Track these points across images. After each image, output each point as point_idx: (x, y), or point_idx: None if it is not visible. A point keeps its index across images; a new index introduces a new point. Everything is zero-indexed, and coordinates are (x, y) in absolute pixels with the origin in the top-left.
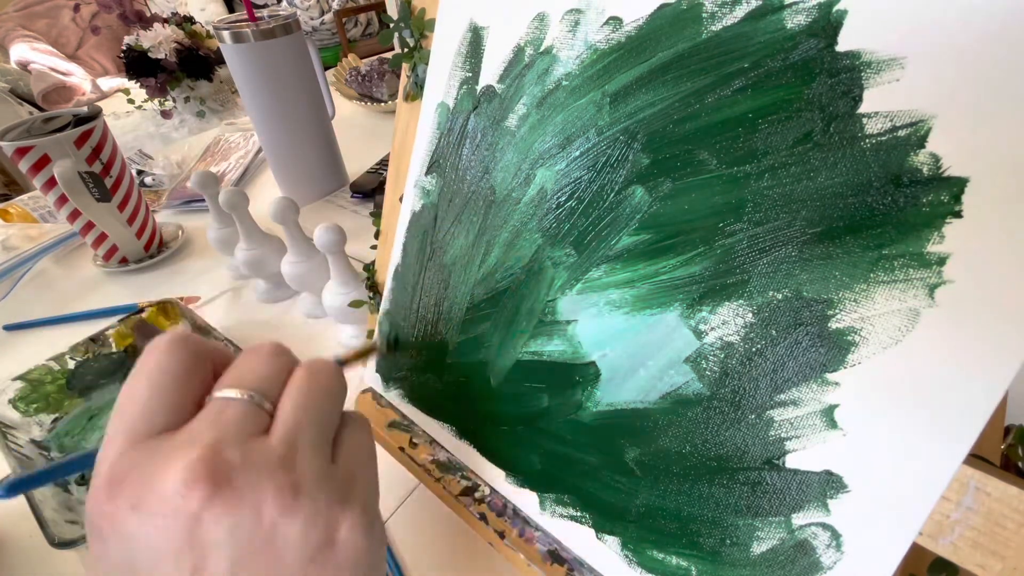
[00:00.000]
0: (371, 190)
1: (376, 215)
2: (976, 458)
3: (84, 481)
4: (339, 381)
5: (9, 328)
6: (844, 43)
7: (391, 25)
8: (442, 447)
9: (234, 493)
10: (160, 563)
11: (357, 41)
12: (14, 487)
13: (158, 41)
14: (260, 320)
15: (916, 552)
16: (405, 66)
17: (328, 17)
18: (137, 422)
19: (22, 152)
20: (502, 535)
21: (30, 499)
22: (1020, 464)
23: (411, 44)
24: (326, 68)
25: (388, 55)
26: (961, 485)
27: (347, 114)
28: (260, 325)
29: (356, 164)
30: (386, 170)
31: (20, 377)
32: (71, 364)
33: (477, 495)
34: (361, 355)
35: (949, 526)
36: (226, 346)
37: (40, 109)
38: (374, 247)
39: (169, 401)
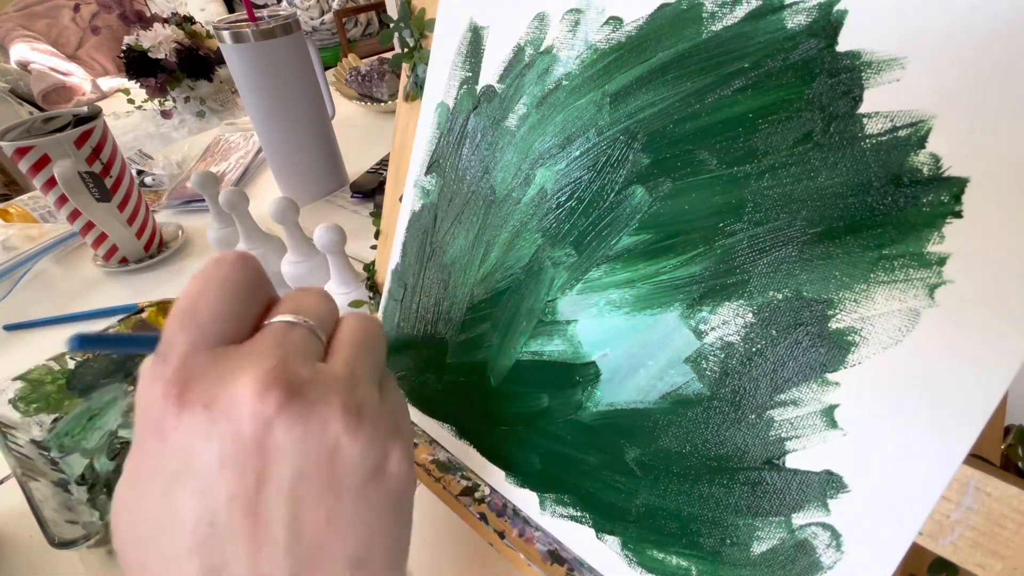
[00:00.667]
0: (371, 190)
1: (376, 215)
2: (976, 458)
3: (84, 481)
4: (382, 333)
5: (9, 328)
6: (844, 43)
7: (391, 25)
8: (442, 447)
9: (305, 404)
10: (224, 467)
11: (357, 41)
12: (84, 341)
13: (158, 41)
14: None
15: (916, 552)
16: (405, 66)
17: (328, 17)
18: (207, 325)
19: (22, 152)
20: (502, 535)
21: (30, 499)
22: (1020, 464)
23: (411, 44)
24: (326, 68)
25: (388, 55)
26: (961, 485)
27: (347, 114)
28: None
29: (356, 164)
30: (386, 170)
31: (20, 377)
32: (71, 364)
33: (477, 495)
34: None
35: (949, 526)
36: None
37: (40, 109)
38: (374, 247)
39: (238, 311)
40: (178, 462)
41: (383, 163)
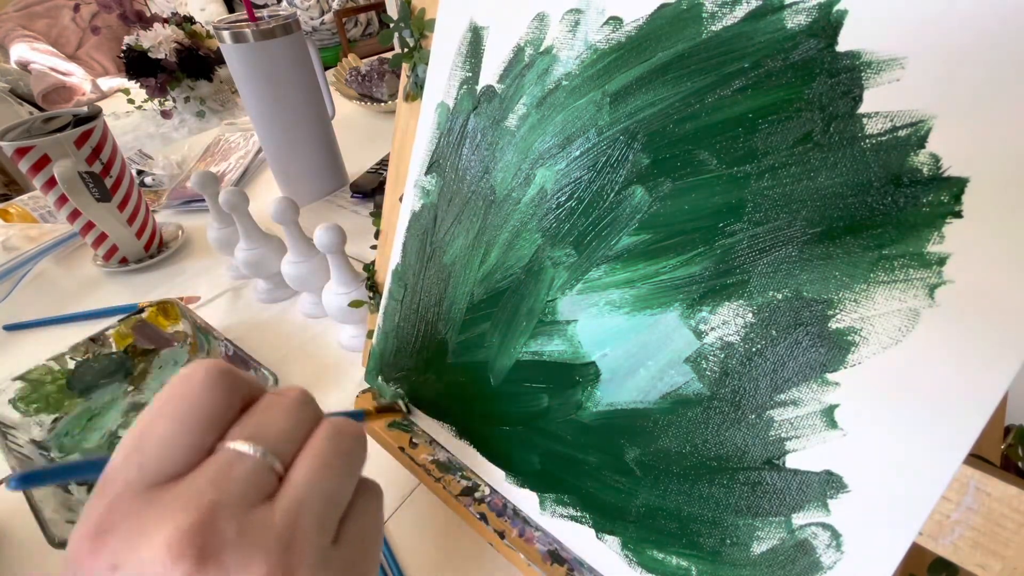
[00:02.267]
0: (371, 190)
1: (376, 215)
2: (976, 458)
3: (84, 481)
4: (361, 448)
5: (9, 328)
6: (844, 43)
7: (391, 25)
8: (442, 447)
9: (220, 571)
10: None
11: (357, 41)
12: (25, 479)
13: (158, 41)
14: (260, 320)
15: (916, 552)
16: (405, 66)
17: (328, 17)
18: (150, 464)
19: (22, 152)
20: (502, 535)
21: (30, 499)
22: (1020, 464)
23: (411, 44)
24: (326, 68)
25: (388, 55)
26: (961, 485)
27: (347, 114)
28: (260, 325)
29: (356, 164)
30: (386, 170)
31: (20, 377)
32: (71, 364)
33: (477, 495)
34: (384, 412)
35: (949, 526)
36: (261, 378)
37: (40, 109)
38: (374, 247)
39: (190, 444)
40: None
41: (383, 163)
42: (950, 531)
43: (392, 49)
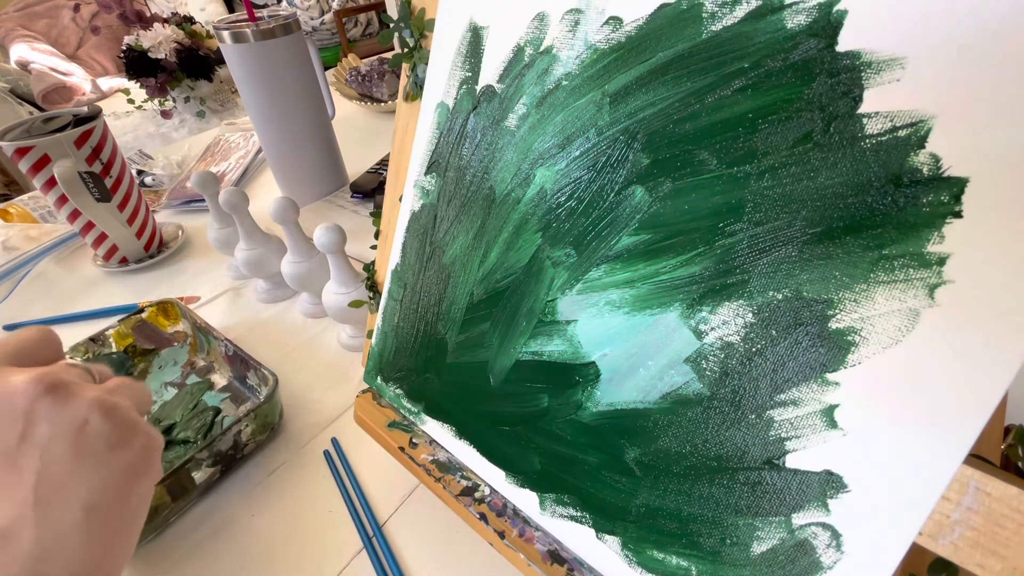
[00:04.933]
0: (371, 190)
1: (376, 215)
2: (976, 458)
3: None
4: (150, 398)
5: (9, 328)
6: (844, 43)
7: (391, 25)
8: (442, 447)
9: (67, 390)
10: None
11: (357, 41)
12: None
13: (158, 41)
14: (260, 320)
15: (916, 552)
16: (405, 66)
17: (328, 17)
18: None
19: (22, 152)
20: (502, 535)
21: None
22: (1020, 464)
23: (411, 44)
24: (326, 68)
25: (388, 55)
26: (961, 485)
27: (347, 114)
28: (260, 325)
29: (356, 164)
30: (386, 170)
31: None
32: None
33: (477, 495)
34: None
35: (949, 526)
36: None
37: (40, 109)
38: (374, 247)
39: (29, 350)
40: None
41: (383, 163)
42: (950, 531)
43: (392, 49)
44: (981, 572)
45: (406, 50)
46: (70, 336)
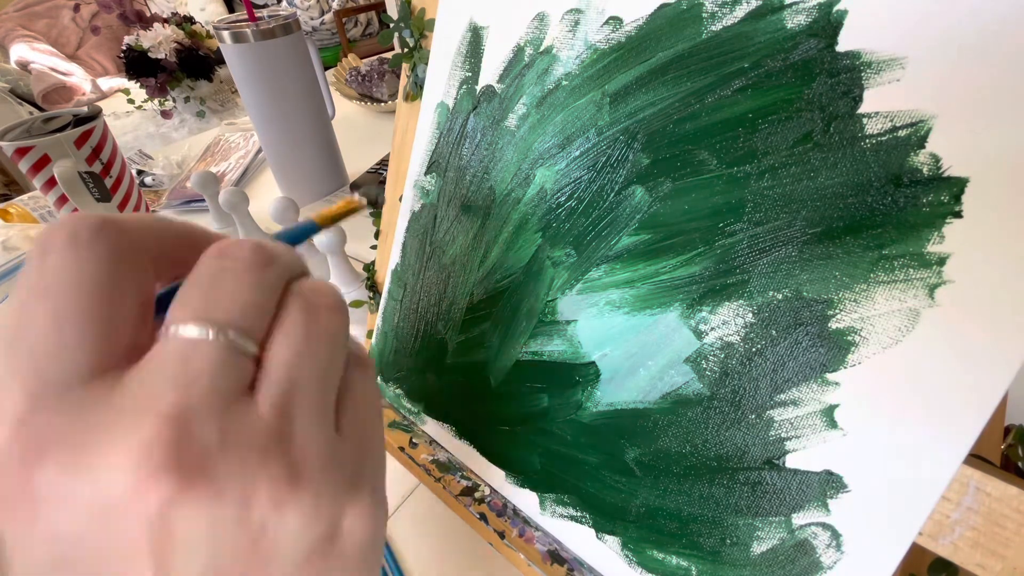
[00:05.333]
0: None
1: (376, 215)
2: (976, 458)
3: None
4: (345, 315)
5: None
6: (844, 43)
7: (391, 25)
8: (442, 447)
9: (211, 487)
10: (108, 566)
11: (357, 41)
12: None
13: (158, 41)
14: None
15: (916, 552)
16: (405, 66)
17: (328, 17)
18: (43, 363)
19: (22, 152)
20: (502, 535)
21: None
22: (1020, 464)
23: (411, 44)
24: (326, 68)
25: (388, 55)
26: (961, 485)
27: (347, 114)
28: None
29: (356, 164)
30: (386, 170)
31: None
32: None
33: (477, 495)
34: (341, 215)
35: (949, 526)
36: (181, 227)
37: (40, 109)
38: (374, 247)
39: (90, 331)
40: (43, 563)
41: (383, 163)
42: (950, 531)
43: (392, 49)
44: (981, 572)
45: (406, 50)
46: None
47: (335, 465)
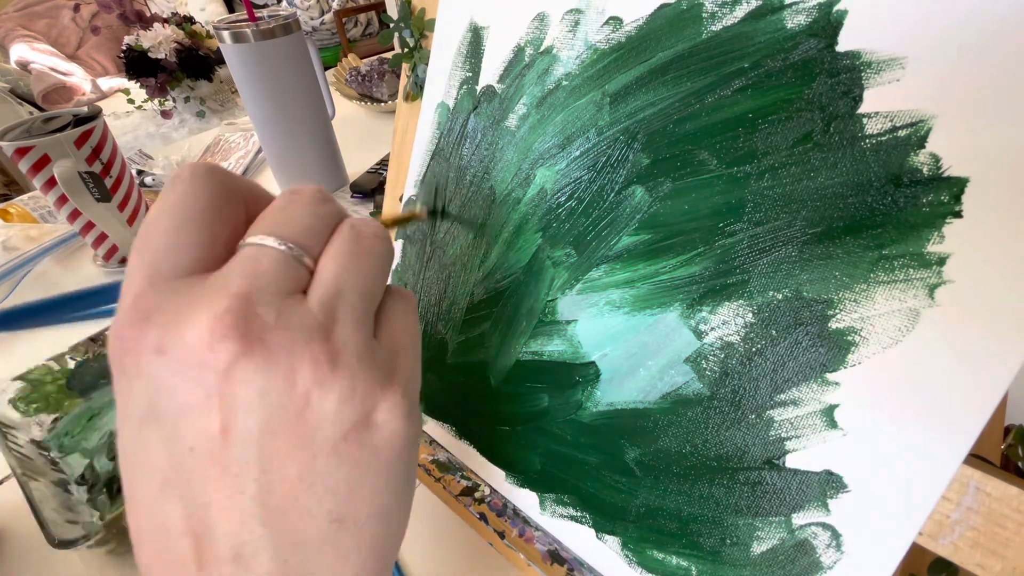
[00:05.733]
0: (371, 190)
1: (376, 215)
2: (976, 458)
3: (84, 481)
4: (388, 245)
5: (9, 328)
6: (844, 43)
7: (391, 25)
8: (442, 447)
9: (266, 354)
10: (187, 414)
11: (357, 41)
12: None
13: (158, 41)
14: None
15: (916, 552)
16: (405, 66)
17: (328, 17)
18: (160, 258)
19: (22, 152)
20: (502, 535)
21: (30, 499)
22: (1020, 464)
23: (411, 44)
24: (326, 68)
25: (388, 55)
26: (961, 485)
27: (347, 114)
28: None
29: (356, 164)
30: (386, 170)
31: (20, 377)
32: (71, 364)
33: (477, 495)
34: (402, 221)
35: (949, 526)
36: (260, 187)
37: (40, 109)
38: None
39: (196, 239)
40: (141, 407)
41: (383, 163)
42: (950, 531)
43: (392, 49)
44: (981, 572)
45: (406, 50)
46: (70, 336)
47: (370, 360)
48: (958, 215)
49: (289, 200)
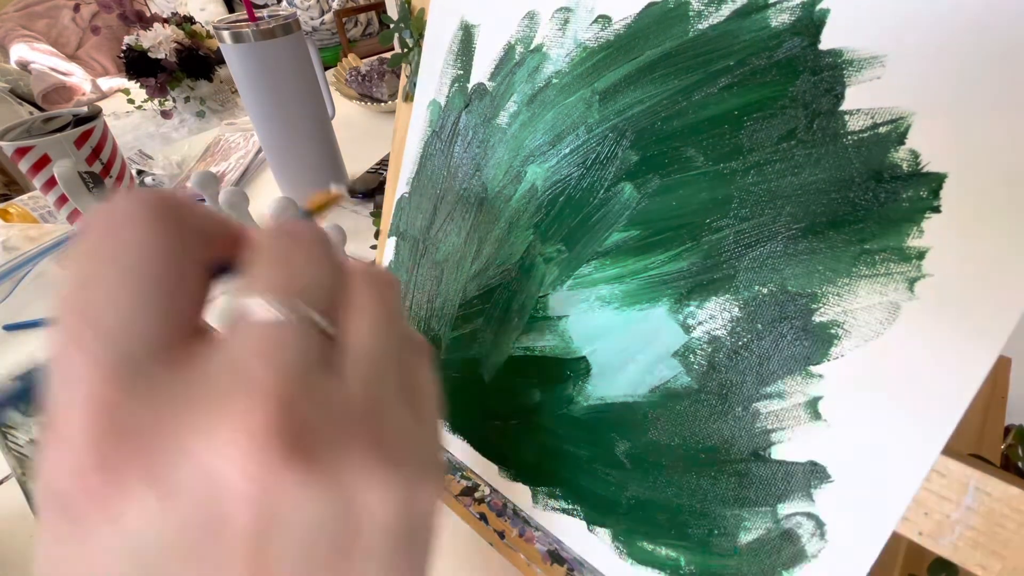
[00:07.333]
0: (371, 190)
1: (376, 215)
2: (976, 458)
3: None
4: (400, 294)
5: (9, 328)
6: (827, 41)
7: (391, 25)
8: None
9: (316, 465)
10: (200, 563)
11: (357, 41)
12: None
13: (158, 41)
14: None
15: (916, 552)
16: (405, 66)
17: (328, 17)
18: (122, 339)
19: (22, 152)
20: (502, 535)
21: (30, 499)
22: (1020, 464)
23: (411, 44)
24: (326, 68)
25: (388, 55)
26: (961, 485)
27: (347, 114)
28: None
29: (356, 164)
30: (386, 170)
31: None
32: None
33: (477, 495)
34: (326, 205)
35: (949, 526)
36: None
37: (40, 109)
38: (374, 247)
39: (164, 309)
40: (113, 564)
41: (383, 163)
42: (950, 531)
43: (392, 49)
44: (981, 572)
45: (406, 50)
46: None
47: (417, 447)
48: (937, 210)
49: (289, 247)
